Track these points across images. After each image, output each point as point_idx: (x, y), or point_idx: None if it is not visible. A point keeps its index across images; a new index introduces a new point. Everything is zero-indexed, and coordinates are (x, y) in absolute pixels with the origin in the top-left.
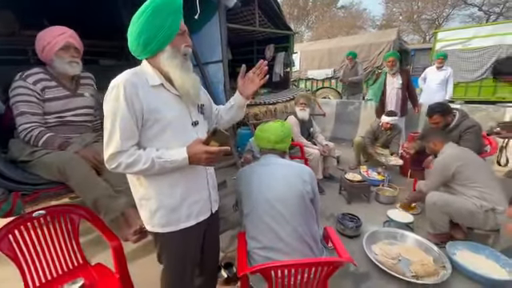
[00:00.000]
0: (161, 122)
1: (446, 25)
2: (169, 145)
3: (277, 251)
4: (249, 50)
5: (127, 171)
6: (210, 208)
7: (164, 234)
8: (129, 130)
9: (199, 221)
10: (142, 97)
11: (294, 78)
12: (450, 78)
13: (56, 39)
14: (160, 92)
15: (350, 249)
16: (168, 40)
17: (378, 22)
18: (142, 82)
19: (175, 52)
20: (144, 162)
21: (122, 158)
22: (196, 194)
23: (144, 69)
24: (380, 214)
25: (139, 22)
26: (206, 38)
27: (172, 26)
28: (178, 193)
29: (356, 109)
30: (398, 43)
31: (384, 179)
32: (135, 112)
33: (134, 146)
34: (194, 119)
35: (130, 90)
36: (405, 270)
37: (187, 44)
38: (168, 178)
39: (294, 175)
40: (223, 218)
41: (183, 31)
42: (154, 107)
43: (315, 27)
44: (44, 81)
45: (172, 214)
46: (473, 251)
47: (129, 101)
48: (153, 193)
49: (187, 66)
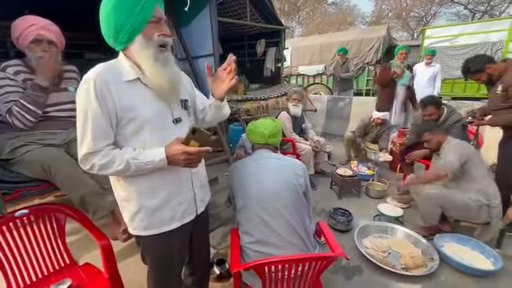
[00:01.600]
0: (136, 121)
1: (433, 22)
2: (147, 144)
3: (270, 245)
4: (240, 45)
5: (102, 173)
6: (195, 209)
7: (146, 237)
8: (101, 129)
9: (183, 223)
10: (115, 94)
11: (286, 73)
12: (438, 75)
13: (27, 31)
14: (136, 87)
15: (342, 243)
16: (139, 28)
17: (368, 18)
18: (115, 78)
19: (147, 42)
20: (119, 163)
21: (94, 160)
22: (179, 195)
23: (120, 62)
24: (370, 208)
25: (107, 8)
26: (197, 31)
27: (142, 12)
28: (159, 194)
29: (346, 105)
30: (387, 39)
31: (374, 174)
32: (108, 110)
33: (109, 145)
34: (175, 116)
35: (100, 86)
36: (395, 262)
37: (163, 33)
38: (148, 179)
39: (287, 169)
40: (215, 214)
41: (158, 19)
42: (128, 105)
43: (306, 23)
44: (23, 73)
45: (153, 216)
46: (459, 243)
47: (100, 98)
48: (133, 194)
49: (163, 59)
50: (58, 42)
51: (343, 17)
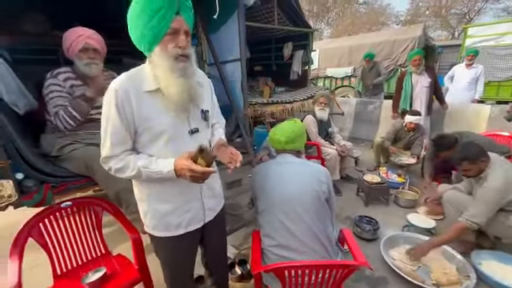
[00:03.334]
0: (152, 130)
1: (477, 19)
2: (161, 153)
3: (291, 250)
4: (267, 49)
5: (118, 175)
6: (203, 218)
7: (154, 237)
8: (119, 135)
9: (189, 230)
10: (134, 104)
11: (313, 75)
12: (480, 77)
13: (76, 40)
14: (154, 98)
15: (367, 252)
16: (156, 40)
17: (403, 17)
18: (136, 88)
19: (163, 53)
20: (131, 169)
21: (111, 163)
22: (187, 204)
23: (144, 70)
24: (399, 218)
25: (129, 19)
26: (225, 36)
27: (158, 24)
28: (168, 200)
29: (376, 108)
30: (423, 39)
31: (404, 182)
32: (126, 118)
33: (126, 151)
34: (192, 126)
35: (122, 96)
36: (424, 277)
37: (178, 45)
38: (159, 185)
39: (310, 174)
40: (238, 215)
41: (175, 30)
42: (145, 115)
43: (335, 24)
44: (71, 79)
45: (161, 219)
46: (500, 262)
47: (120, 107)
48: (145, 195)
49: (180, 70)
50: (101, 50)
51: (375, 17)
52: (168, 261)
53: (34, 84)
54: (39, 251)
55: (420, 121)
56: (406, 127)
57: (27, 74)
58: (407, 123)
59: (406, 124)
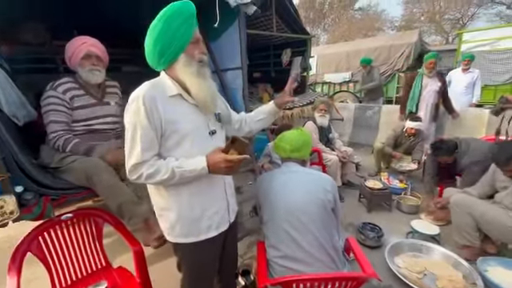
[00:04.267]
0: (178, 133)
1: (470, 24)
2: (187, 154)
3: (298, 261)
4: (265, 55)
5: (148, 182)
6: (228, 219)
7: (184, 245)
8: (149, 141)
9: (219, 232)
10: (161, 108)
11: (311, 81)
12: (477, 81)
13: (79, 48)
14: (178, 102)
15: (371, 260)
16: (181, 49)
17: (397, 23)
18: (161, 94)
19: (190, 60)
20: (164, 171)
21: (142, 169)
22: (215, 205)
23: (162, 79)
24: (402, 224)
25: (154, 32)
26: (226, 45)
27: (185, 35)
28: (197, 204)
29: (375, 113)
30: (419, 45)
31: (406, 187)
32: (155, 123)
33: (156, 155)
34: (211, 128)
35: (149, 103)
36: (431, 285)
37: (201, 51)
38: (186, 189)
39: (315, 184)
40: (240, 224)
41: (197, 39)
42: (172, 118)
43: (332, 30)
44: (73, 90)
45: (192, 225)
46: (507, 268)
47: (149, 114)
48: (172, 204)
49: (204, 73)
50: (104, 58)
51: (370, 23)
52: (197, 267)
53: (34, 94)
54: (38, 264)
55: (420, 127)
56: (406, 132)
57: (27, 84)
58: (407, 128)
59: (407, 129)
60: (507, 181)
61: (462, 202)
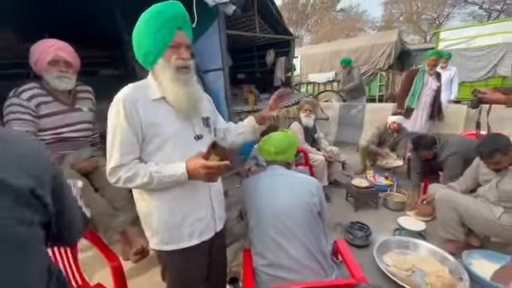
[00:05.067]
0: (159, 137)
1: (446, 24)
2: (169, 159)
3: (285, 269)
4: (249, 56)
5: (127, 185)
6: (214, 227)
7: (166, 252)
8: (128, 144)
9: (202, 240)
10: (142, 112)
11: (296, 82)
12: (454, 78)
13: (46, 52)
14: (161, 106)
15: (360, 260)
16: (160, 52)
17: (378, 23)
18: (143, 97)
19: (166, 64)
20: (142, 175)
21: (121, 172)
22: (198, 212)
23: (148, 81)
24: (389, 221)
25: (137, 33)
26: (206, 46)
27: (162, 38)
28: (178, 210)
29: (359, 112)
30: (399, 44)
31: (392, 184)
32: (135, 128)
33: (135, 159)
34: (197, 133)
35: (129, 105)
36: (419, 282)
37: (180, 57)
38: (168, 195)
39: (301, 187)
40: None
41: (177, 44)
42: (153, 122)
43: (315, 31)
44: (39, 96)
45: (173, 232)
46: (490, 261)
47: (129, 117)
48: (154, 209)
49: (183, 80)
50: (74, 63)
51: (352, 23)
52: (181, 275)
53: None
54: None
55: (402, 120)
56: (390, 128)
57: None
58: (390, 124)
59: (390, 125)
60: (490, 174)
61: (446, 197)
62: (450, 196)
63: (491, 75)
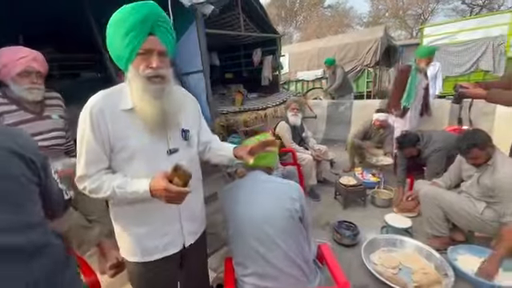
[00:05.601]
0: (127, 150)
1: (431, 19)
2: (136, 173)
3: (267, 278)
4: (236, 56)
5: (93, 196)
6: (182, 242)
7: (131, 263)
8: (94, 154)
9: (166, 255)
10: (110, 122)
11: (284, 80)
12: (438, 73)
13: (15, 63)
14: (131, 117)
15: (348, 259)
16: (129, 60)
17: (365, 19)
18: (112, 106)
19: (136, 73)
20: (105, 189)
21: (86, 183)
22: (164, 227)
23: (122, 88)
24: (377, 219)
25: (108, 35)
26: (185, 47)
27: (130, 44)
28: (144, 221)
29: (347, 109)
30: (385, 40)
31: (379, 181)
32: (101, 137)
33: (102, 170)
34: (171, 146)
35: (96, 116)
36: (406, 279)
37: (149, 65)
38: (134, 207)
39: (282, 193)
40: (215, 234)
41: (147, 50)
42: (120, 134)
43: (304, 28)
44: (3, 105)
45: (137, 243)
46: (475, 255)
47: (95, 127)
48: (121, 218)
49: (154, 91)
50: (44, 72)
51: (340, 19)
52: None
53: None
54: None
55: (386, 117)
56: (375, 125)
57: None
58: (375, 121)
59: (374, 122)
60: (471, 170)
61: (431, 194)
62: (434, 193)
63: (473, 70)
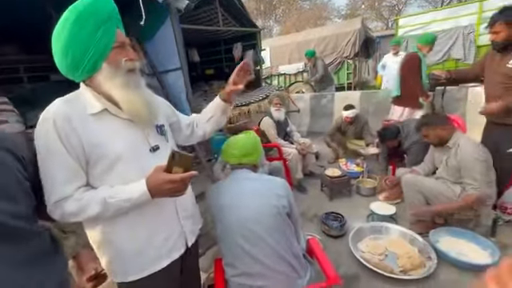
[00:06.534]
0: (108, 157)
1: (405, 10)
2: (124, 179)
3: (257, 276)
4: (216, 51)
5: (77, 219)
6: (184, 242)
7: (129, 284)
8: (69, 171)
9: (172, 259)
10: (80, 130)
11: (266, 74)
12: None
13: None
14: (104, 120)
15: (337, 249)
16: (102, 57)
17: (343, 11)
18: (78, 112)
19: (115, 69)
20: (94, 205)
21: (65, 207)
22: (164, 231)
23: (81, 94)
24: (363, 208)
25: (61, 38)
26: (161, 44)
27: (104, 37)
28: (140, 234)
29: (329, 101)
30: (363, 31)
31: (363, 170)
32: (74, 150)
33: (81, 187)
34: (152, 144)
35: (62, 125)
36: (392, 265)
37: (129, 58)
38: (125, 219)
39: (268, 190)
40: (205, 233)
41: (122, 43)
42: (97, 141)
43: (283, 21)
44: None
45: (136, 259)
46: (454, 236)
47: (63, 139)
48: (111, 236)
49: (135, 83)
50: None
51: (319, 12)
52: None
53: None
54: None
55: (355, 113)
56: (346, 121)
57: None
58: (344, 118)
59: (345, 119)
60: (440, 155)
61: (412, 181)
62: (415, 180)
63: (446, 58)
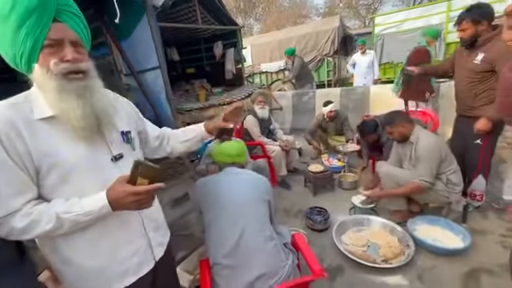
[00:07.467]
0: (61, 167)
1: (380, 9)
2: (82, 191)
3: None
4: (197, 49)
5: (25, 237)
6: (152, 257)
7: None
8: (17, 183)
9: (140, 276)
10: (27, 136)
11: (248, 72)
12: (374, 61)
13: None
14: (55, 125)
15: (322, 242)
16: (32, 57)
17: (322, 10)
18: (25, 116)
19: (45, 72)
20: (46, 221)
21: (13, 222)
22: (130, 245)
23: (32, 95)
24: (345, 201)
25: None
26: (138, 43)
27: (30, 36)
28: (103, 249)
29: (310, 98)
30: (341, 29)
31: (344, 165)
32: (21, 159)
33: (32, 201)
34: (115, 152)
35: (6, 131)
36: (374, 255)
37: (64, 58)
38: (85, 234)
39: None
40: (190, 234)
41: (57, 41)
42: (46, 149)
43: (263, 19)
44: None
45: (99, 277)
46: (430, 224)
47: (7, 147)
48: (70, 255)
49: (76, 89)
50: None
51: (298, 10)
52: None
53: None
54: None
55: (336, 107)
56: (327, 117)
57: None
58: (327, 113)
59: (326, 115)
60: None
61: (388, 173)
62: (390, 172)
63: None
